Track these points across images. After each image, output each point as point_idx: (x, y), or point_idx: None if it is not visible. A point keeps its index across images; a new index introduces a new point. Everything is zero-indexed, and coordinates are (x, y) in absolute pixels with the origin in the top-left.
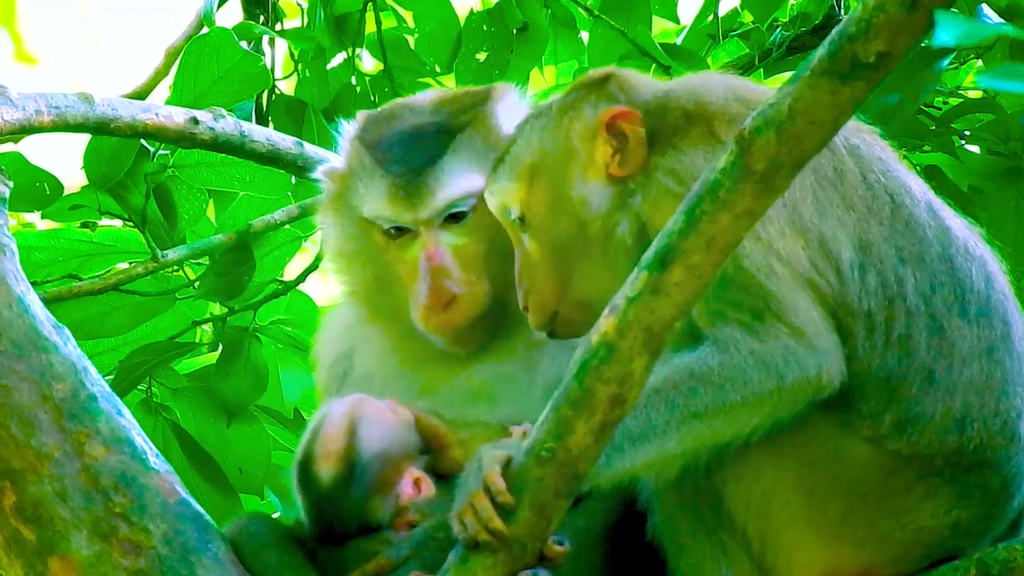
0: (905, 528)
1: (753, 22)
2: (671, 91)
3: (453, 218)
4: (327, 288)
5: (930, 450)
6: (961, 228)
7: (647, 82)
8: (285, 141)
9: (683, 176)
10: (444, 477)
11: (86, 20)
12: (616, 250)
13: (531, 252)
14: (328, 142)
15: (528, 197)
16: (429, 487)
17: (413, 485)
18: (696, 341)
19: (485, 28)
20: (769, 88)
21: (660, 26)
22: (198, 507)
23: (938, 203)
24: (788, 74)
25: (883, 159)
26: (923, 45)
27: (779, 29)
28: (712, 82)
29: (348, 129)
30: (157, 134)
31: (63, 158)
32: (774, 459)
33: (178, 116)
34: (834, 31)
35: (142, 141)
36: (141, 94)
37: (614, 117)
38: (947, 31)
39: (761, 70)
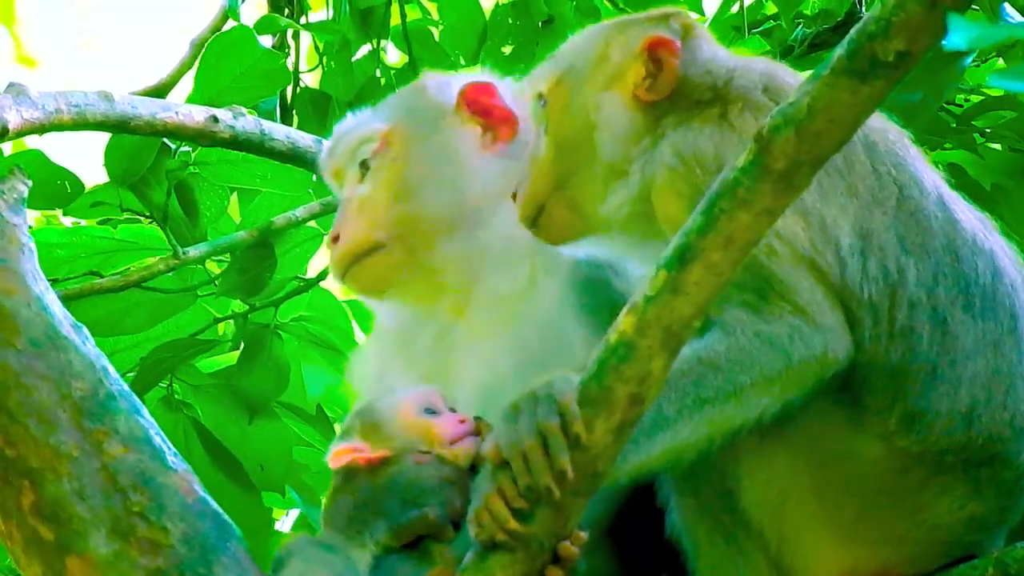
0: (921, 526)
1: (777, 14)
2: (718, 61)
3: (364, 167)
4: None
5: (939, 446)
6: (971, 221)
7: (711, 42)
8: (305, 139)
9: (684, 154)
10: None
11: (86, 20)
12: (618, 192)
13: (542, 147)
14: None
15: (556, 88)
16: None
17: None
18: (702, 327)
19: (510, 20)
20: None
21: None
22: (216, 506)
23: (951, 197)
24: (809, 71)
25: (899, 154)
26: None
27: (800, 26)
28: (754, 67)
29: None
30: (177, 132)
31: (84, 156)
32: (787, 459)
33: (198, 114)
34: (853, 30)
35: (163, 138)
36: (167, 86)
37: (657, 42)
38: (959, 35)
39: None
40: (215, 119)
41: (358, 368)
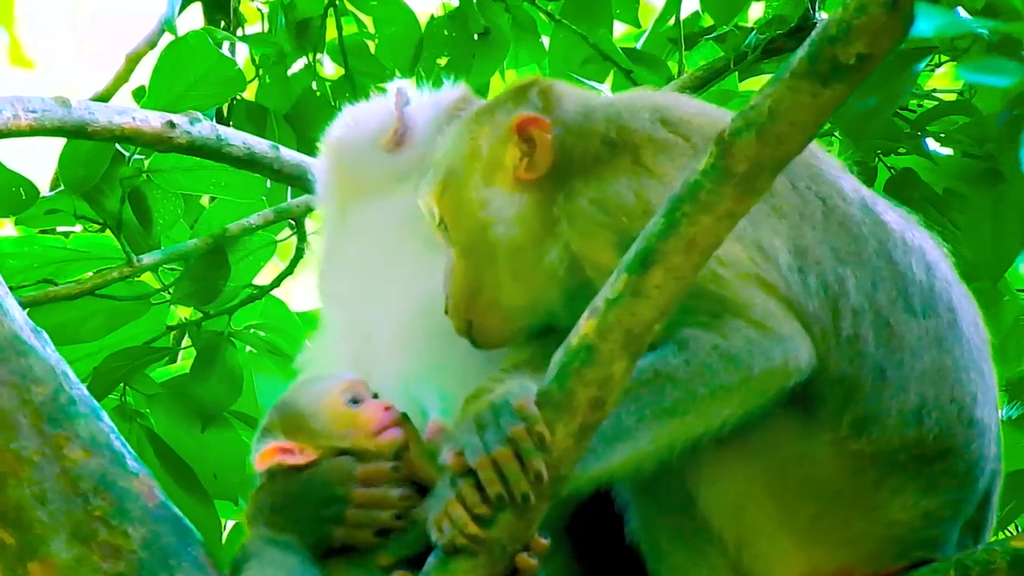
0: (877, 524)
1: (713, 25)
2: (594, 112)
3: None
4: (303, 293)
5: (892, 446)
6: (897, 220)
7: (573, 94)
8: (261, 145)
9: (610, 207)
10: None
11: (85, 22)
12: (542, 272)
13: (451, 258)
14: (289, 147)
15: (443, 198)
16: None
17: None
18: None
19: (446, 32)
20: (705, 106)
21: (622, 30)
22: (177, 511)
23: (872, 198)
24: (764, 76)
25: (812, 165)
26: (900, 48)
27: (754, 32)
28: (639, 105)
29: None
30: (134, 138)
31: (38, 162)
32: (744, 464)
33: (154, 120)
34: (814, 33)
35: (117, 146)
36: (102, 99)
37: (524, 122)
38: (926, 22)
39: (736, 73)
40: (172, 124)
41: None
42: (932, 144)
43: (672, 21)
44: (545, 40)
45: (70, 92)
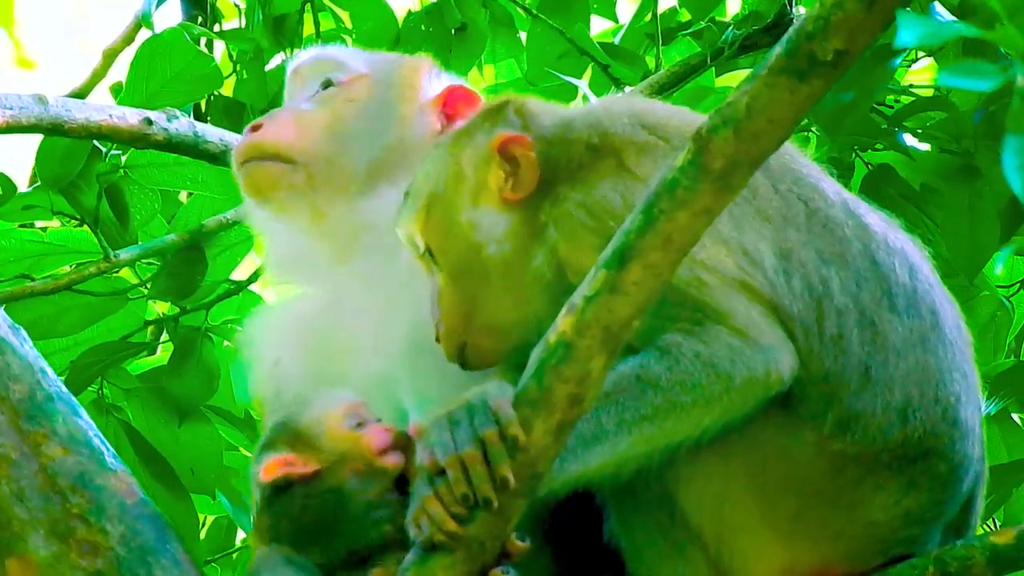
0: (857, 523)
1: (691, 21)
2: (573, 121)
3: (324, 86)
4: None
5: (875, 446)
6: (879, 223)
7: (547, 109)
8: (238, 141)
9: (596, 210)
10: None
11: (85, 21)
12: (529, 280)
13: (439, 283)
14: None
15: (427, 226)
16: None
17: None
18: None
19: (423, 28)
20: (680, 109)
21: (599, 25)
22: (155, 508)
23: (854, 201)
24: (740, 72)
25: (793, 168)
26: (876, 43)
27: (731, 28)
28: (616, 110)
29: None
30: (111, 135)
31: (14, 158)
32: (724, 461)
33: (132, 117)
34: (791, 29)
35: (94, 141)
36: (80, 94)
37: (505, 142)
38: (909, 32)
39: (713, 68)
40: (149, 121)
41: (253, 343)
42: (909, 140)
43: (649, 16)
44: (522, 35)
45: (65, 91)
